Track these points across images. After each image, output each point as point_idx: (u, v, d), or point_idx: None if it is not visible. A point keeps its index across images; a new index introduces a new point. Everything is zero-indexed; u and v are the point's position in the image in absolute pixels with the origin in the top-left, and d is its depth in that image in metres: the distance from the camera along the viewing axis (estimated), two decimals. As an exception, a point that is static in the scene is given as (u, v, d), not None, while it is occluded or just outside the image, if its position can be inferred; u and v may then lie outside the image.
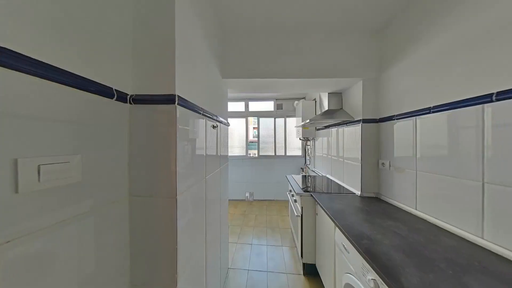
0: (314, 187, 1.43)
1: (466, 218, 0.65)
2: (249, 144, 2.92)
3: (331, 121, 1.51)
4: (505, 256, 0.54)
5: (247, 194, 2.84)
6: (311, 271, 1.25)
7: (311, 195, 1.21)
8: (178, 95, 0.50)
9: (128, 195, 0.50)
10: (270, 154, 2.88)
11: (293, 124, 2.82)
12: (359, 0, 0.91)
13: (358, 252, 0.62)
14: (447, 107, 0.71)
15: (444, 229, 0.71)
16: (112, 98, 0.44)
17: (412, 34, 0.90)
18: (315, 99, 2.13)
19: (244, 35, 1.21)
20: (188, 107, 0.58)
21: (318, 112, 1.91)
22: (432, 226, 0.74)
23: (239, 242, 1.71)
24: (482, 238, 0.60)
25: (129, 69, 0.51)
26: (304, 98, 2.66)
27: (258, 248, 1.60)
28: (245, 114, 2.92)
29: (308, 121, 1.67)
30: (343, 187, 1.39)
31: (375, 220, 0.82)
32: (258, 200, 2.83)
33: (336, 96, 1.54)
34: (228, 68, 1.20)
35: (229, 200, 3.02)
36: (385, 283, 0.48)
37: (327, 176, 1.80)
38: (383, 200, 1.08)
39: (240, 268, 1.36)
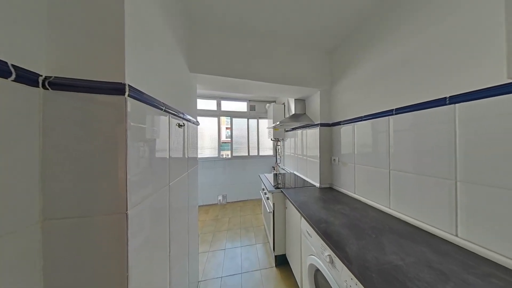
0: (284, 183, 1.56)
1: (381, 196, 0.92)
2: (221, 145, 2.80)
3: (297, 124, 1.71)
4: (402, 219, 0.81)
5: (220, 198, 2.71)
6: (282, 261, 1.35)
7: (281, 191, 1.32)
8: (129, 85, 0.40)
9: (41, 220, 0.35)
10: (244, 154, 2.89)
11: (265, 125, 2.97)
12: (316, 24, 1.10)
13: (318, 234, 0.73)
14: (371, 117, 0.98)
15: (371, 206, 0.98)
16: (7, 78, 0.30)
17: (351, 60, 1.18)
18: (284, 103, 2.34)
19: (215, 31, 1.15)
20: (145, 100, 0.48)
21: (287, 115, 2.12)
22: (364, 205, 1.00)
23: (212, 249, 1.60)
24: (389, 208, 0.87)
25: (43, 39, 0.36)
26: (275, 101, 2.86)
27: (232, 252, 1.56)
28: (217, 113, 2.78)
29: (278, 123, 1.81)
30: (307, 181, 1.60)
31: (329, 206, 1.00)
32: (232, 202, 2.76)
33: (301, 102, 1.77)
34: (197, 62, 1.10)
35: (199, 206, 2.77)
36: (336, 255, 0.60)
37: (294, 172, 2.02)
38: (335, 189, 1.34)
39: (213, 278, 1.27)
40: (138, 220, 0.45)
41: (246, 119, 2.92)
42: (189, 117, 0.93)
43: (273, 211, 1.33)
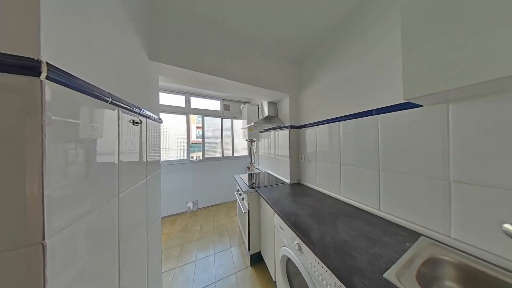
0: (258, 182, 1.61)
1: (335, 186, 1.12)
2: (191, 146, 2.54)
3: (270, 125, 1.81)
4: (349, 203, 1.02)
5: (190, 204, 2.44)
6: (257, 259, 1.38)
7: (256, 191, 1.35)
8: (49, 64, 0.29)
9: None
10: (217, 155, 2.75)
11: (240, 125, 2.95)
12: (285, 35, 1.21)
13: (288, 226, 0.80)
14: (328, 122, 1.19)
15: (328, 195, 1.18)
16: None
17: (313, 73, 1.38)
18: (258, 105, 2.42)
19: (183, 20, 1.04)
20: (79, 88, 0.36)
21: (261, 117, 2.20)
22: (324, 195, 1.19)
23: (179, 265, 1.41)
24: (340, 195, 1.08)
25: None
26: (249, 102, 2.90)
27: (205, 262, 1.44)
28: (186, 111, 2.49)
29: (252, 124, 1.85)
30: (279, 178, 1.73)
31: (298, 200, 1.12)
32: (204, 207, 2.56)
33: (274, 105, 1.89)
34: (159, 50, 0.95)
35: (163, 217, 2.39)
36: (304, 242, 0.68)
37: (268, 171, 2.12)
38: (302, 184, 1.51)
39: (181, 297, 1.12)
40: (65, 251, 0.33)
41: (220, 119, 2.80)
42: (148, 113, 0.78)
43: (248, 211, 1.34)
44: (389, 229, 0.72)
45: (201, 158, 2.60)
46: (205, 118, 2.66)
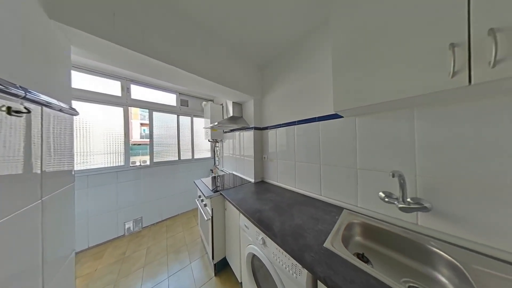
0: (223, 185, 1.54)
1: (291, 180, 1.32)
2: (132, 148, 1.96)
3: (235, 126, 1.80)
4: (301, 193, 1.22)
5: (130, 225, 1.88)
6: (222, 266, 1.32)
7: (221, 194, 1.29)
8: None
9: None
10: (172, 159, 2.32)
11: (201, 124, 2.68)
12: (250, 42, 1.27)
13: (253, 223, 0.83)
14: (285, 125, 1.37)
15: (287, 189, 1.35)
16: None
17: (274, 80, 1.54)
18: (222, 104, 2.33)
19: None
20: None
21: (225, 117, 2.13)
22: (283, 189, 1.35)
23: (111, 310, 1.03)
24: (295, 187, 1.28)
25: None
26: (212, 100, 2.72)
27: (154, 291, 1.16)
28: (124, 102, 1.89)
29: (216, 123, 1.74)
30: (244, 178, 1.75)
31: (261, 197, 1.19)
32: (153, 224, 2.07)
33: (239, 105, 1.90)
34: (67, 7, 0.66)
35: (83, 250, 1.73)
36: (267, 235, 0.73)
37: (233, 172, 2.09)
38: (265, 181, 1.63)
39: None
40: None
41: (176, 115, 2.39)
42: (46, 98, 0.51)
43: (212, 216, 1.25)
44: (327, 208, 0.94)
45: (148, 163, 2.08)
46: (154, 113, 2.16)
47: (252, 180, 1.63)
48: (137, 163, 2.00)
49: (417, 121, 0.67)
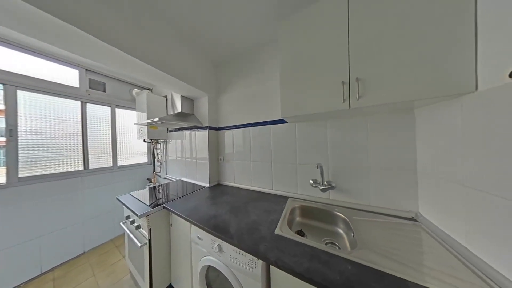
0: (167, 196, 1.25)
1: (247, 179, 1.38)
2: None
3: (185, 124, 1.55)
4: (257, 190, 1.31)
5: None
6: (165, 297, 1.06)
7: (164, 207, 1.04)
8: None
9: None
10: (71, 169, 1.50)
11: (132, 119, 2.00)
12: (203, 38, 1.16)
13: (208, 232, 0.76)
14: (242, 126, 1.41)
15: (243, 189, 1.39)
16: None
17: (231, 80, 1.53)
18: (165, 96, 1.90)
19: None
20: None
21: (171, 112, 1.75)
22: (240, 189, 1.37)
23: None
24: (251, 186, 1.36)
25: None
26: (151, 90, 2.14)
27: None
28: None
29: (157, 119, 1.39)
30: (196, 184, 1.56)
31: (217, 201, 1.12)
32: (30, 280, 1.19)
33: (189, 101, 1.65)
34: None
35: None
36: (223, 240, 0.70)
37: (182, 179, 1.78)
38: (222, 184, 1.56)
39: None
40: None
41: (80, 102, 1.59)
42: None
43: (149, 240, 0.97)
44: (277, 200, 1.10)
45: (3, 181, 1.17)
46: (20, 92, 1.28)
47: (207, 185, 1.49)
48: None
49: (328, 129, 0.99)
